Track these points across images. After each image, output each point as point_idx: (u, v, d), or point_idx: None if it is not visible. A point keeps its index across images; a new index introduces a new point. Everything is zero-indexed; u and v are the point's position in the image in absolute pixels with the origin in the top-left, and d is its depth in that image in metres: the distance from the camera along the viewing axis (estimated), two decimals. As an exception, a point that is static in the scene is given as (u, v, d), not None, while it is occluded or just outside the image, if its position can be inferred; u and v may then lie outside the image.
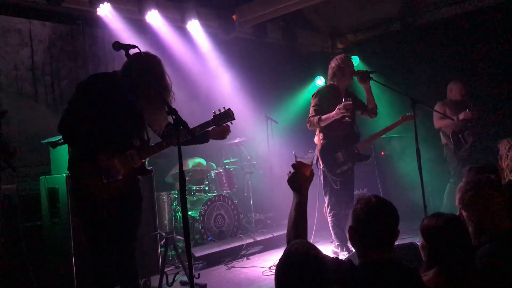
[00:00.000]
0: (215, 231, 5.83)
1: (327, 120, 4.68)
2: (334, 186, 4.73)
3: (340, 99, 4.73)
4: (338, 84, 4.87)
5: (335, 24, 8.58)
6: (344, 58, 4.87)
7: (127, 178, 3.14)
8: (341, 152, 4.77)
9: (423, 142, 6.08)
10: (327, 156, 4.77)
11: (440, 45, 7.36)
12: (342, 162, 4.77)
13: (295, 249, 1.65)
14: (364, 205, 1.98)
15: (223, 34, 7.08)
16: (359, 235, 1.98)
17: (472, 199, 2.35)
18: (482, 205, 2.32)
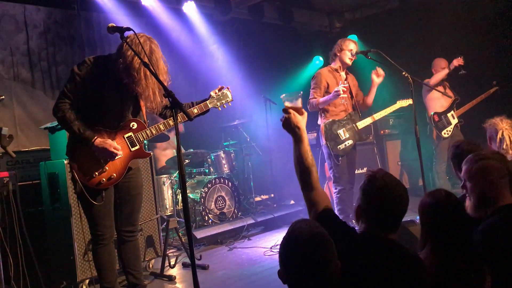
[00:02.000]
0: (216, 213, 5.86)
1: (325, 102, 4.83)
2: (336, 162, 4.85)
3: (339, 81, 4.88)
4: (337, 66, 4.97)
5: (333, 3, 8.48)
6: (347, 41, 4.95)
7: (125, 161, 3.14)
8: (343, 129, 4.89)
9: (423, 119, 6.14)
10: (329, 133, 4.90)
11: (438, 22, 7.29)
12: (344, 140, 4.88)
13: (299, 228, 1.64)
14: (374, 185, 1.91)
15: (219, 15, 7.00)
16: (367, 215, 1.92)
17: (479, 170, 2.35)
18: (489, 177, 2.32)
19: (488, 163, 2.35)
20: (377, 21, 8.20)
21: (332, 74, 4.97)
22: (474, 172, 2.36)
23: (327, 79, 4.90)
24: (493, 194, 2.32)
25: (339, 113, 4.93)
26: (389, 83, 6.65)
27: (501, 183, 2.32)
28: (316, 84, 4.93)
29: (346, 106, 4.94)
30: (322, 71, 5.01)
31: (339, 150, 4.87)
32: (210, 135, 6.98)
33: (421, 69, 6.25)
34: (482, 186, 2.33)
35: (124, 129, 3.15)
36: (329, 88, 4.88)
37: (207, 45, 7.12)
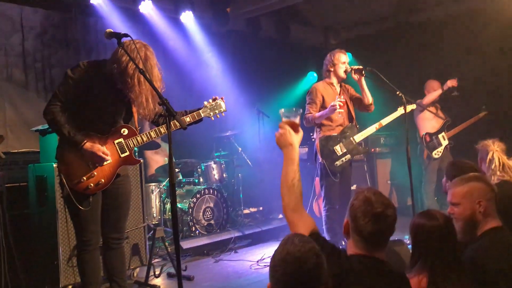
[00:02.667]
0: (203, 223, 5.82)
1: (321, 117, 4.71)
2: (334, 179, 4.70)
3: (335, 95, 4.76)
4: (333, 79, 4.88)
5: (329, 20, 8.58)
6: (337, 54, 4.87)
7: (114, 167, 3.12)
8: (339, 144, 4.76)
9: (413, 139, 6.19)
10: (326, 149, 4.73)
11: (432, 44, 7.39)
12: (341, 155, 4.75)
13: (292, 242, 1.63)
14: (363, 202, 1.90)
15: (216, 26, 7.05)
16: (355, 232, 1.91)
17: (467, 194, 2.36)
18: (476, 200, 2.34)
19: (475, 185, 2.37)
20: (372, 40, 8.30)
21: (327, 88, 4.86)
22: (462, 196, 2.38)
23: (322, 94, 4.80)
24: (480, 218, 2.33)
25: (335, 128, 4.79)
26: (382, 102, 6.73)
27: (487, 206, 2.34)
28: (311, 99, 4.83)
29: (343, 120, 4.83)
30: (317, 86, 4.93)
31: (336, 166, 4.72)
32: (201, 145, 6.97)
33: (414, 90, 6.31)
34: (470, 209, 2.34)
35: (114, 135, 3.13)
36: (325, 103, 4.75)
37: (203, 55, 7.15)
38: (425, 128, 6.21)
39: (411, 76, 7.18)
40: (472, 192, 2.36)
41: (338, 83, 4.91)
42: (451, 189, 2.44)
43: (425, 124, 6.24)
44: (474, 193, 2.35)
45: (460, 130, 6.17)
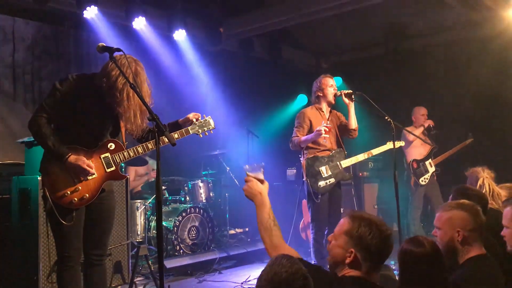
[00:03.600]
0: (188, 243, 5.75)
1: (306, 141, 4.72)
2: (315, 200, 4.69)
3: (323, 120, 4.78)
4: (321, 104, 4.91)
5: (321, 44, 8.69)
6: (324, 78, 4.91)
7: (99, 182, 3.07)
8: (326, 166, 4.75)
9: (400, 166, 6.23)
10: (311, 169, 4.72)
11: (420, 71, 7.51)
12: (326, 177, 4.74)
13: (279, 263, 1.61)
14: (379, 235, 1.87)
15: (209, 46, 7.09)
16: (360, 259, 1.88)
17: (448, 220, 2.37)
18: (456, 228, 2.34)
19: (458, 214, 2.37)
20: (362, 65, 8.41)
21: (316, 113, 4.88)
22: (443, 221, 2.39)
23: (310, 118, 4.82)
24: (458, 246, 2.33)
25: (322, 151, 4.79)
26: (370, 127, 6.79)
27: (468, 236, 2.33)
28: (299, 123, 4.85)
29: (331, 144, 4.83)
30: (306, 110, 4.95)
31: (319, 187, 4.67)
32: (189, 163, 6.93)
33: (402, 115, 6.38)
34: (449, 236, 2.35)
35: (101, 149, 3.09)
36: (313, 127, 4.75)
37: (194, 73, 7.16)
38: (412, 155, 6.25)
39: (400, 102, 7.26)
40: (453, 220, 2.37)
41: (327, 108, 4.94)
42: (438, 212, 2.45)
43: (412, 151, 6.29)
44: (455, 221, 2.36)
45: (447, 157, 6.23)
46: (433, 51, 7.48)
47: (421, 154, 6.24)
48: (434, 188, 6.20)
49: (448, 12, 6.49)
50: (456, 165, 6.10)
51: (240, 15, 7.04)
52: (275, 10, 6.84)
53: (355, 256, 1.88)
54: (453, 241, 2.35)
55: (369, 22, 7.45)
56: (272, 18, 6.83)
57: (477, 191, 3.06)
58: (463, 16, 6.54)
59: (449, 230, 2.36)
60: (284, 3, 6.80)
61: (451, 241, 2.35)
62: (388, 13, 7.09)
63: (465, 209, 2.40)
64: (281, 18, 6.77)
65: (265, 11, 6.93)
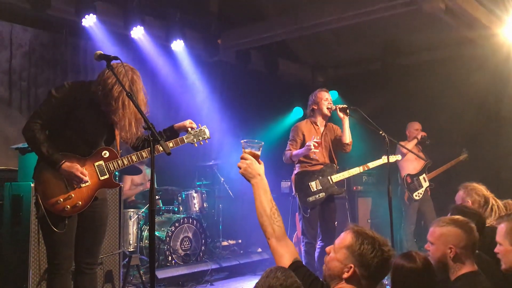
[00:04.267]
0: (180, 253, 5.71)
1: (297, 156, 4.75)
2: (304, 214, 4.71)
3: (317, 134, 4.82)
4: (316, 118, 4.94)
5: (317, 57, 8.75)
6: (319, 92, 4.94)
7: (92, 190, 3.06)
8: (316, 181, 4.77)
9: (394, 180, 6.24)
10: (300, 183, 4.75)
11: (415, 86, 7.57)
12: (316, 192, 4.75)
13: (274, 276, 1.60)
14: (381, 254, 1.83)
15: (207, 57, 7.12)
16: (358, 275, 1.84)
17: (440, 236, 2.37)
18: (448, 244, 2.34)
19: (450, 230, 2.37)
20: (358, 79, 8.46)
21: (310, 127, 4.91)
22: (436, 237, 2.38)
23: (304, 132, 4.86)
24: (449, 263, 2.33)
25: (313, 165, 4.82)
26: (365, 141, 6.81)
27: (461, 253, 2.32)
28: (293, 137, 4.89)
29: (323, 158, 4.86)
30: (300, 124, 4.98)
31: (308, 202, 4.69)
32: (183, 173, 6.91)
33: (397, 130, 6.40)
34: (441, 252, 2.35)
35: (95, 157, 3.08)
36: (305, 141, 4.78)
37: (191, 84, 7.18)
38: (407, 170, 6.27)
39: (395, 117, 7.29)
40: (446, 236, 2.36)
41: (322, 122, 4.96)
42: (431, 227, 2.44)
43: (406, 166, 6.30)
44: (448, 238, 2.35)
45: (441, 172, 6.25)
46: (428, 67, 7.55)
47: (415, 168, 6.25)
48: (428, 203, 6.21)
49: (443, 29, 6.56)
50: (449, 180, 6.13)
51: (238, 27, 7.09)
52: (272, 23, 6.90)
53: (354, 271, 1.84)
54: (445, 257, 2.34)
55: (365, 37, 7.51)
56: (270, 31, 6.88)
57: (474, 209, 3.05)
58: (458, 33, 6.61)
59: (442, 246, 2.35)
60: (282, 16, 6.86)
61: (443, 257, 2.34)
62: (384, 29, 7.16)
63: (459, 225, 2.39)
64: (278, 31, 6.83)
65: (263, 24, 6.98)
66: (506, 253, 2.24)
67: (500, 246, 2.34)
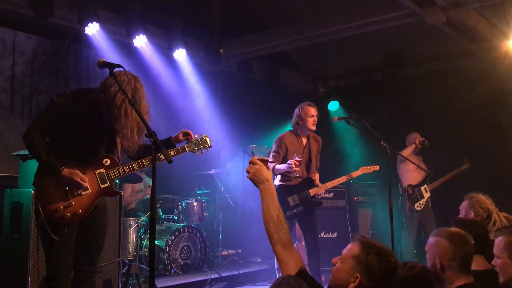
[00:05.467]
0: (180, 262, 5.68)
1: (278, 171, 4.78)
2: None
3: (299, 148, 4.86)
4: (300, 131, 4.96)
5: (318, 68, 8.77)
6: (306, 108, 4.95)
7: (92, 198, 3.04)
8: (293, 196, 4.78)
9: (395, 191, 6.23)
10: (280, 198, 4.74)
11: (416, 98, 7.59)
12: (293, 206, 4.76)
13: (287, 282, 1.60)
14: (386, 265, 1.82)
15: (208, 66, 7.15)
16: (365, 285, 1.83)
17: (430, 247, 2.37)
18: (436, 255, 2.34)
19: (438, 241, 2.36)
20: (359, 90, 8.48)
21: (293, 140, 4.93)
22: (429, 246, 2.39)
23: (287, 144, 4.88)
24: (439, 273, 2.32)
25: (292, 179, 4.85)
26: (365, 151, 6.81)
27: (448, 265, 2.31)
28: (276, 149, 4.90)
29: (302, 171, 4.86)
30: (283, 136, 4.98)
31: (287, 216, 4.68)
32: (183, 181, 6.90)
33: (396, 141, 6.41)
34: (431, 261, 2.35)
35: (96, 165, 3.07)
36: (288, 154, 4.81)
37: (193, 92, 7.20)
38: (408, 180, 6.25)
39: (395, 127, 7.31)
40: (434, 247, 2.37)
41: (305, 135, 5.01)
42: (430, 237, 2.45)
43: (407, 176, 6.29)
44: (436, 249, 2.37)
45: (442, 183, 6.23)
46: (429, 78, 7.57)
47: (416, 179, 6.23)
48: (429, 214, 6.18)
49: (445, 40, 6.59)
50: (451, 191, 6.12)
51: (240, 36, 7.12)
52: (274, 33, 6.93)
53: (360, 281, 1.83)
54: (435, 267, 2.34)
55: (367, 48, 7.54)
56: (271, 41, 6.91)
57: (479, 223, 3.03)
58: (460, 46, 6.64)
59: (432, 256, 2.37)
60: (284, 27, 6.89)
61: (434, 267, 2.35)
62: (386, 39, 7.19)
63: (448, 238, 2.37)
64: (280, 41, 6.86)
65: (265, 34, 7.01)
66: (504, 266, 2.22)
67: (498, 259, 2.32)
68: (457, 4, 5.43)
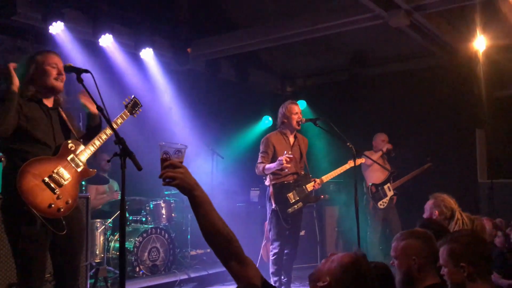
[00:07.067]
0: (148, 264, 5.65)
1: (269, 169, 4.85)
2: (286, 225, 4.81)
3: (287, 146, 4.93)
4: (286, 130, 5.05)
5: (287, 68, 8.85)
6: (289, 106, 5.05)
7: (76, 184, 3.06)
8: (293, 192, 4.88)
9: (360, 189, 6.36)
10: (280, 196, 4.86)
11: (382, 98, 7.76)
12: (294, 202, 4.86)
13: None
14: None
15: (176, 65, 7.10)
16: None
17: (402, 249, 2.44)
18: (411, 257, 2.41)
19: (410, 242, 2.45)
20: (326, 90, 8.61)
21: (280, 139, 5.03)
22: (399, 251, 2.46)
23: (274, 144, 4.97)
24: (415, 274, 2.40)
25: (286, 176, 4.93)
26: (333, 150, 6.92)
27: (423, 263, 2.40)
28: (264, 149, 4.99)
29: (295, 168, 4.97)
30: (270, 136, 5.08)
31: (288, 213, 4.82)
32: (151, 182, 6.80)
33: (364, 140, 6.55)
34: (406, 265, 2.42)
35: (64, 153, 3.06)
36: (276, 153, 4.91)
37: (160, 92, 7.14)
38: (371, 179, 6.40)
39: (361, 127, 7.46)
40: (407, 249, 2.44)
41: (292, 134, 5.08)
42: (393, 242, 2.52)
43: (371, 175, 6.43)
44: (409, 250, 2.43)
45: (405, 181, 6.41)
46: (394, 79, 7.75)
47: (380, 178, 6.38)
48: (393, 212, 6.35)
49: (409, 42, 6.76)
50: (415, 189, 6.31)
51: (208, 36, 7.10)
52: (243, 33, 6.95)
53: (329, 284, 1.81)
54: (410, 269, 2.41)
55: (334, 48, 7.66)
56: (240, 41, 6.92)
57: (440, 224, 3.14)
58: (422, 47, 6.82)
59: (405, 259, 2.43)
60: (252, 27, 6.92)
61: (408, 270, 2.41)
62: (352, 41, 7.32)
63: (417, 237, 2.48)
64: (249, 41, 6.87)
65: (233, 34, 7.02)
66: (451, 274, 2.32)
67: (445, 268, 2.41)
68: (420, 7, 5.58)
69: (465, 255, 2.28)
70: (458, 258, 2.28)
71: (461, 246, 2.31)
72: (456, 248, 2.31)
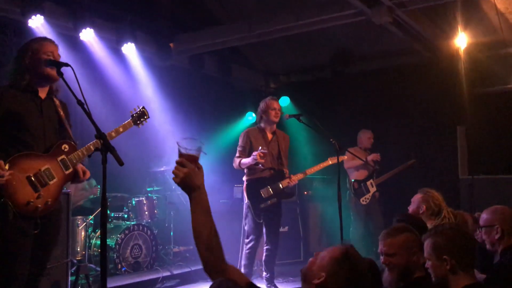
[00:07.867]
0: (130, 261, 5.59)
1: (245, 165, 4.93)
2: (257, 220, 4.86)
3: (264, 142, 4.95)
4: (265, 126, 5.08)
5: (270, 64, 8.84)
6: (269, 101, 5.07)
7: (60, 186, 3.02)
8: (266, 188, 4.91)
9: (343, 185, 6.40)
10: (252, 192, 4.92)
11: (364, 96, 7.81)
12: (266, 198, 4.90)
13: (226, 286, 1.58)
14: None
15: (159, 60, 7.02)
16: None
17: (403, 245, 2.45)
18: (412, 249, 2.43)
19: (408, 236, 2.47)
20: (309, 86, 8.62)
21: (258, 134, 5.07)
22: (397, 247, 2.47)
23: (251, 139, 5.02)
24: (413, 267, 2.42)
25: (262, 171, 4.98)
26: (315, 146, 6.93)
27: (420, 255, 2.43)
28: (241, 144, 5.06)
29: (271, 164, 5.00)
30: (248, 131, 5.13)
31: (260, 208, 4.88)
32: (133, 179, 6.76)
33: (347, 137, 6.58)
34: (406, 259, 2.43)
35: (56, 153, 3.03)
36: (253, 148, 4.96)
37: (142, 87, 7.05)
38: (354, 175, 6.44)
39: (345, 123, 7.50)
40: (407, 242, 2.46)
41: (271, 129, 5.10)
42: (385, 240, 2.51)
43: (354, 171, 6.47)
44: (409, 243, 2.46)
45: (388, 178, 6.46)
46: (376, 75, 7.81)
47: (363, 174, 6.43)
48: (375, 208, 6.40)
49: (391, 39, 6.80)
50: (398, 185, 6.36)
51: (191, 31, 7.04)
52: (226, 29, 6.91)
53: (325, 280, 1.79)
54: (410, 263, 2.43)
55: (316, 45, 7.67)
56: (223, 37, 6.88)
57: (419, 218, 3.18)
58: (405, 44, 6.87)
59: (406, 253, 2.44)
60: (236, 23, 6.89)
61: (408, 264, 2.43)
62: (335, 37, 7.34)
63: (410, 230, 2.51)
64: (232, 37, 6.84)
65: (217, 29, 6.97)
66: (435, 268, 2.34)
67: (429, 261, 2.44)
68: (402, 4, 5.62)
69: (448, 248, 2.30)
70: (441, 251, 2.31)
71: (445, 239, 2.33)
72: (440, 241, 2.33)
